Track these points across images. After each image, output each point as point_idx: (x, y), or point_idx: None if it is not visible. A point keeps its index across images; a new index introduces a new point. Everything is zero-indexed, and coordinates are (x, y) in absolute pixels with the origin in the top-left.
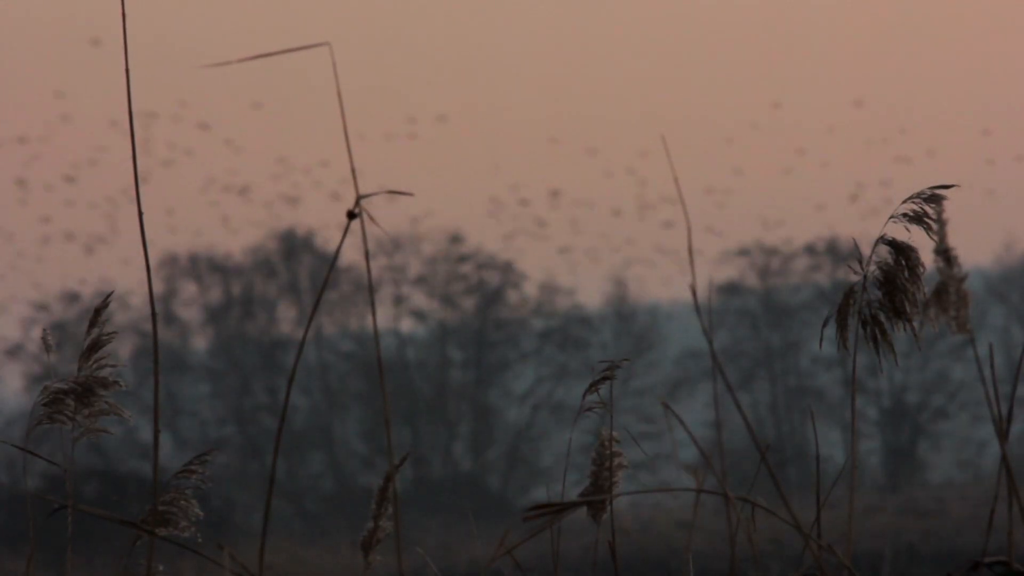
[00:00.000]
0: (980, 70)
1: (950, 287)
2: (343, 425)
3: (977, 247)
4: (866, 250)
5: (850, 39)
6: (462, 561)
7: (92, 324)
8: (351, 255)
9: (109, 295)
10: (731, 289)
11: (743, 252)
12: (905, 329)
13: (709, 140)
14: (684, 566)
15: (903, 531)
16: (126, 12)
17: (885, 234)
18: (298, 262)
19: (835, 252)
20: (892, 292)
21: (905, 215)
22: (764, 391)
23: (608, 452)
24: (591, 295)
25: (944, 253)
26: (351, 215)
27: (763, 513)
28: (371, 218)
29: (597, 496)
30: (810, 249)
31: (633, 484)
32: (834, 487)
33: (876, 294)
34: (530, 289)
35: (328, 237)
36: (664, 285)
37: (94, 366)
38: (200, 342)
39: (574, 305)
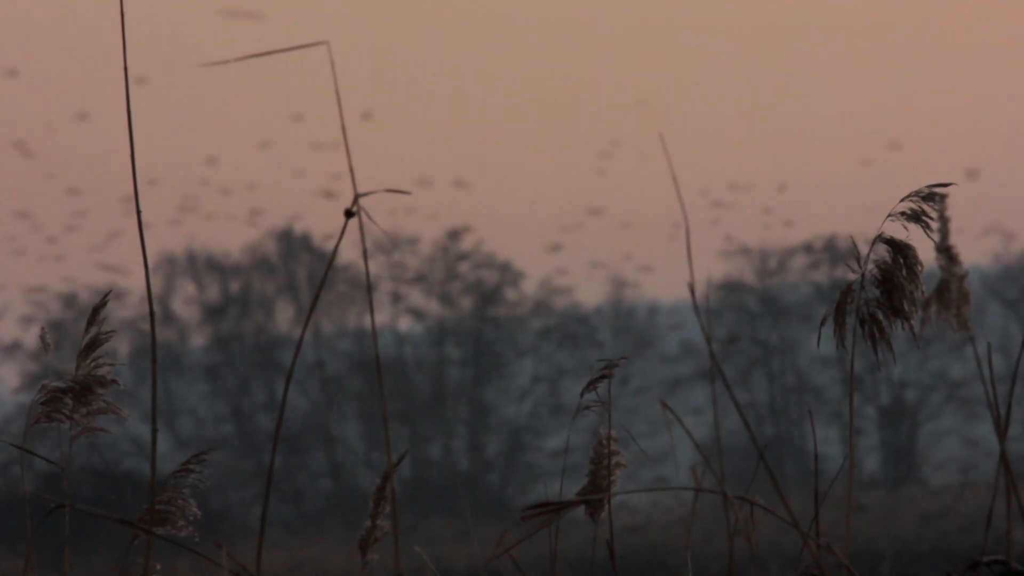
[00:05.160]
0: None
1: (952, 285)
2: (341, 424)
3: (975, 246)
4: (864, 248)
5: (853, 42)
6: (460, 560)
7: (90, 323)
8: (349, 254)
9: (107, 294)
10: (729, 287)
11: (742, 250)
12: (903, 327)
13: (707, 138)
14: (683, 565)
15: (902, 530)
16: (124, 11)
17: (883, 232)
18: (296, 261)
19: (833, 250)
20: (890, 290)
21: (903, 213)
22: (762, 390)
23: (606, 451)
24: (589, 294)
25: (946, 251)
26: (349, 214)
27: (762, 512)
28: (369, 217)
29: (595, 495)
30: (808, 247)
31: (632, 483)
32: (832, 485)
33: (874, 292)
34: (528, 288)
35: (326, 236)
36: (663, 283)
37: (92, 365)
38: (198, 341)
39: (572, 304)
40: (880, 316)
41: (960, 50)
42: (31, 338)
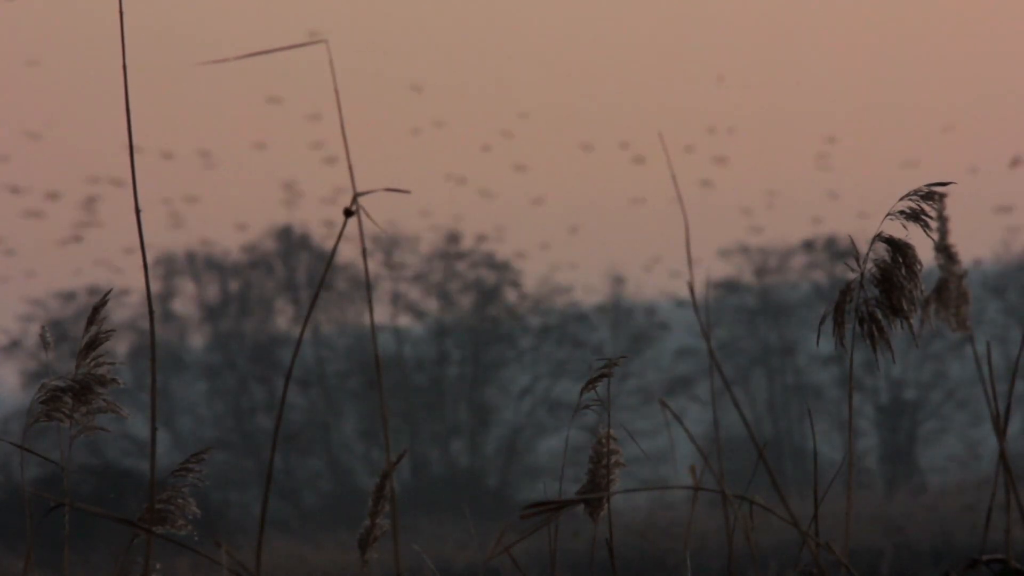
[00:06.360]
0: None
1: (951, 284)
2: (340, 423)
3: (974, 244)
4: (863, 247)
5: (854, 37)
6: (459, 559)
7: (90, 322)
8: (348, 252)
9: (108, 293)
10: (728, 286)
11: (740, 249)
12: (902, 326)
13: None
14: (682, 564)
15: (901, 528)
16: (123, 10)
17: (882, 231)
18: (296, 259)
19: (832, 249)
20: (889, 289)
21: (902, 212)
22: (761, 389)
23: (606, 450)
24: (588, 292)
25: (945, 250)
26: (348, 213)
27: (761, 511)
28: (368, 216)
29: (595, 494)
30: (808, 246)
31: (631, 482)
32: (832, 485)
33: (873, 291)
34: (527, 286)
35: (326, 234)
36: (662, 282)
37: (92, 364)
38: (197, 340)
39: (571, 303)
40: (879, 315)
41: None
42: (31, 337)
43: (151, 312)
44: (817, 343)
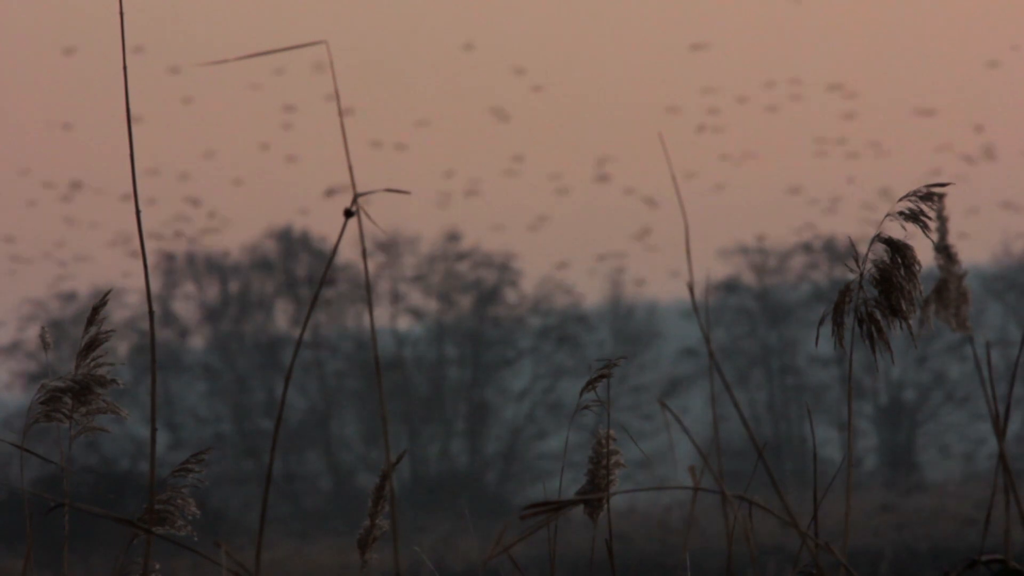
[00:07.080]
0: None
1: (951, 284)
2: (340, 423)
3: (974, 245)
4: (863, 248)
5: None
6: (459, 559)
7: (90, 322)
8: (348, 253)
9: (107, 293)
10: (728, 287)
11: (740, 250)
12: (901, 327)
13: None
14: (681, 564)
15: (900, 529)
16: (123, 10)
17: (881, 232)
18: (295, 260)
19: (832, 250)
20: (888, 290)
21: (901, 213)
22: (761, 389)
23: (605, 450)
24: (588, 293)
25: (945, 250)
26: (348, 213)
27: (760, 511)
28: (368, 216)
29: (594, 494)
30: (807, 247)
31: (631, 483)
32: (831, 485)
33: (872, 292)
34: (527, 287)
35: (325, 235)
36: (662, 283)
37: (91, 364)
38: (197, 340)
39: (571, 303)
40: (878, 316)
41: None
42: (31, 338)
43: (151, 312)
44: (816, 344)
